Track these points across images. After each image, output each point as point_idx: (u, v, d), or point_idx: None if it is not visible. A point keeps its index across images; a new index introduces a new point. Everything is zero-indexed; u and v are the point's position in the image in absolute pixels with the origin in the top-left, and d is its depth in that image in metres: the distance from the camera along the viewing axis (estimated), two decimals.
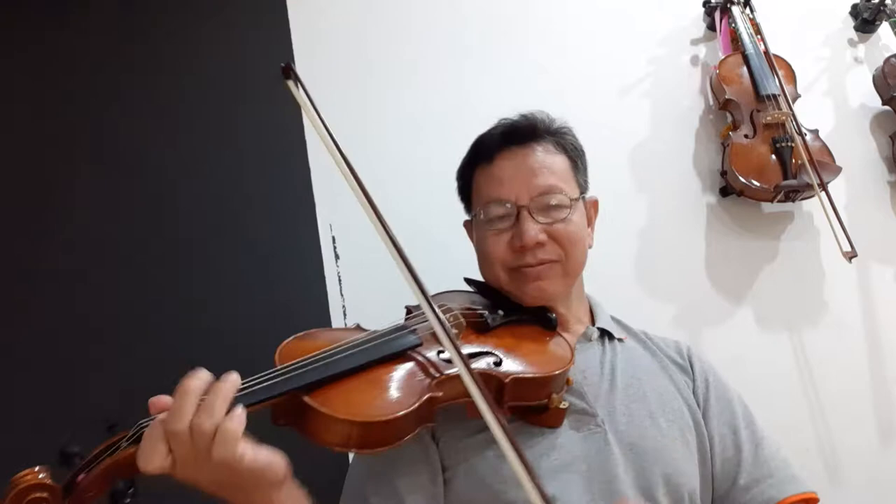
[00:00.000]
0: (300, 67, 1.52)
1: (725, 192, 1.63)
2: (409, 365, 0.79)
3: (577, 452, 0.87)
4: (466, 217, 1.13)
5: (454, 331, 0.83)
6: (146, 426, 0.64)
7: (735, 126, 1.63)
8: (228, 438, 0.62)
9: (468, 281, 1.08)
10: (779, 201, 1.57)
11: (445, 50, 1.64)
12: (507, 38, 1.68)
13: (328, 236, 1.44)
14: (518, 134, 1.01)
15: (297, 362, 0.72)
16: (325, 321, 1.37)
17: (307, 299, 1.40)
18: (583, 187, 1.04)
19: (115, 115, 1.41)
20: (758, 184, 1.53)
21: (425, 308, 0.75)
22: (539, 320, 0.97)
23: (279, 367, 0.72)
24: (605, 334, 1.04)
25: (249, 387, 0.68)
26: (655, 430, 0.91)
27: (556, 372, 0.86)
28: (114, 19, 1.47)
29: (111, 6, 1.47)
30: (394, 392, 0.73)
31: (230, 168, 1.44)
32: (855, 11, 1.86)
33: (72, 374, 1.22)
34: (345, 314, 1.39)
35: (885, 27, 1.83)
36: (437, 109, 1.58)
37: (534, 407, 0.86)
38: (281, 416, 0.71)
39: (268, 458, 0.66)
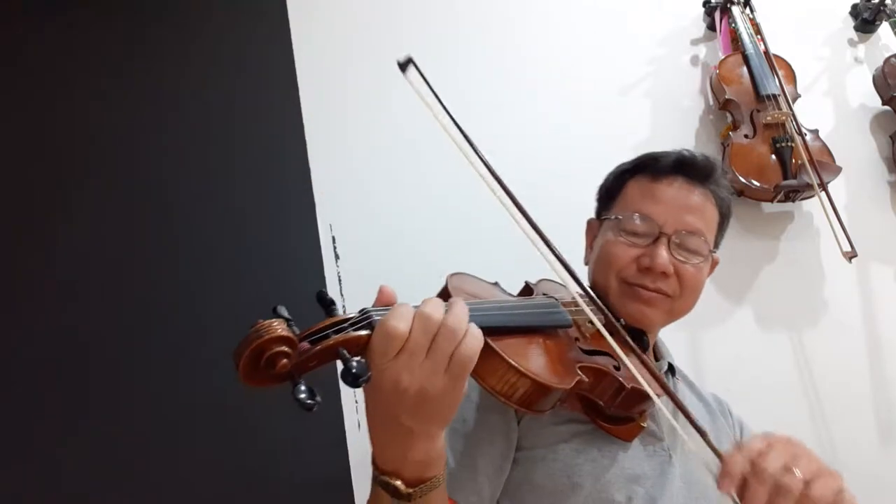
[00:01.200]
0: (300, 67, 1.53)
1: None
2: (560, 342, 0.79)
3: (645, 469, 0.89)
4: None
5: (588, 324, 0.84)
6: (378, 315, 0.62)
7: (735, 126, 1.63)
8: (478, 338, 0.61)
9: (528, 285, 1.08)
10: (779, 201, 1.57)
11: (445, 50, 1.64)
12: (507, 39, 1.68)
13: (328, 236, 1.44)
14: (693, 169, 1.01)
15: (477, 303, 0.72)
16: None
17: (307, 299, 1.40)
18: (717, 244, 1.06)
19: (114, 115, 1.41)
20: (758, 184, 1.53)
21: (579, 299, 0.77)
22: (637, 339, 0.97)
23: (471, 302, 0.70)
24: (670, 370, 1.08)
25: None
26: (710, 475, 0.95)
27: (656, 393, 0.86)
28: (114, 19, 1.47)
29: (111, 6, 1.47)
30: (556, 363, 0.74)
31: (230, 168, 1.44)
32: (855, 11, 1.87)
33: (72, 374, 1.22)
34: (345, 314, 1.38)
35: (885, 27, 1.83)
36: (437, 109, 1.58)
37: (621, 416, 0.87)
38: None
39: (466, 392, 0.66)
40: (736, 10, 1.72)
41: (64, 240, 1.31)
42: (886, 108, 1.75)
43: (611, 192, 1.08)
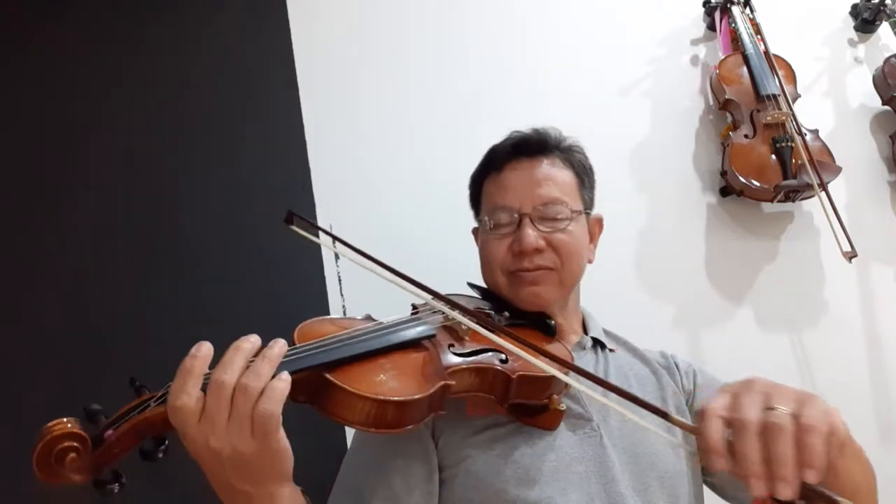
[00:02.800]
0: (300, 67, 1.53)
1: (725, 192, 1.63)
2: (424, 353, 0.81)
3: (574, 454, 0.88)
4: (473, 224, 1.16)
5: (463, 326, 0.86)
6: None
7: (735, 126, 1.63)
8: (276, 396, 0.62)
9: (471, 285, 1.11)
10: (779, 201, 1.57)
11: (446, 50, 1.64)
12: (507, 39, 1.68)
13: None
14: (528, 146, 1.05)
15: (318, 342, 0.74)
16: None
17: (307, 299, 1.40)
18: (587, 203, 1.08)
19: (114, 114, 1.41)
20: (758, 184, 1.53)
21: (428, 299, 0.79)
22: (539, 326, 1.00)
23: (300, 346, 0.73)
24: (597, 344, 1.07)
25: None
26: (648, 435, 0.93)
27: (560, 373, 0.87)
28: (114, 19, 1.47)
29: (111, 6, 1.47)
30: (412, 376, 0.76)
31: (230, 168, 1.44)
32: (855, 11, 1.87)
33: (72, 375, 1.22)
34: (345, 314, 1.39)
35: (885, 27, 1.83)
36: (438, 109, 1.58)
37: (532, 407, 0.88)
38: (301, 392, 0.72)
39: (288, 445, 0.66)
40: (736, 10, 1.72)
41: (63, 239, 1.31)
42: (886, 108, 1.75)
43: (474, 199, 1.13)
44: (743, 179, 1.53)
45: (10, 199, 1.31)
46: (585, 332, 1.09)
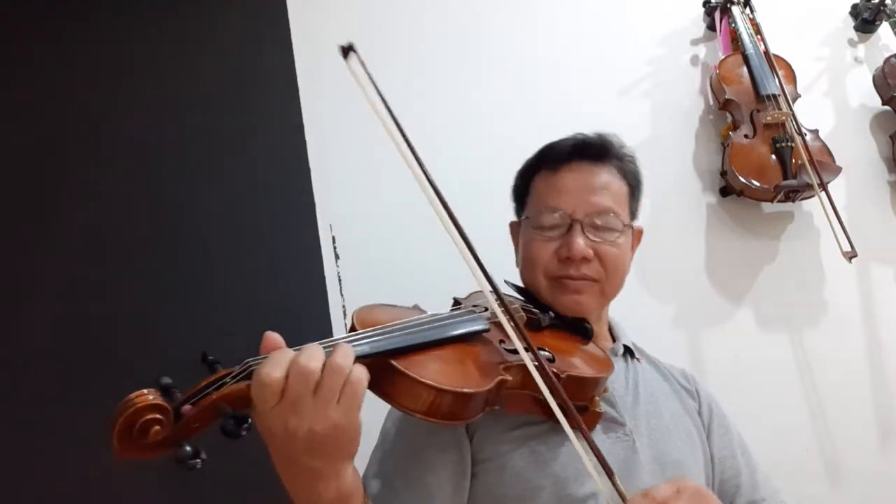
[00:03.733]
0: (300, 68, 1.53)
1: (725, 192, 1.63)
2: (479, 348, 0.81)
3: (608, 457, 0.88)
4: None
5: (521, 323, 0.85)
6: (255, 365, 0.63)
7: (735, 126, 1.63)
8: (360, 381, 0.63)
9: (509, 283, 1.09)
10: (779, 201, 1.57)
11: (446, 50, 1.64)
12: (507, 39, 1.68)
13: (328, 236, 1.44)
14: (589, 150, 1.03)
15: (382, 328, 0.74)
16: (325, 321, 1.37)
17: (307, 299, 1.40)
18: (634, 215, 1.07)
19: (115, 116, 1.41)
20: (758, 184, 1.53)
21: (490, 299, 0.78)
22: (577, 329, 0.99)
23: (365, 331, 0.73)
24: (627, 352, 1.07)
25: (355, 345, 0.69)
26: (673, 446, 0.95)
27: (604, 375, 0.88)
28: (114, 20, 1.47)
29: (112, 7, 1.47)
30: (472, 369, 0.76)
31: (230, 168, 1.44)
32: (855, 11, 1.87)
33: (71, 375, 1.22)
34: (345, 314, 1.39)
35: (885, 27, 1.83)
36: (438, 109, 1.58)
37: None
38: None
39: (361, 423, 0.66)
40: (736, 10, 1.72)
41: (63, 239, 1.31)
42: (886, 108, 1.75)
43: (520, 192, 1.10)
44: (743, 179, 1.53)
45: (8, 200, 1.31)
46: (613, 338, 1.09)
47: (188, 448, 0.57)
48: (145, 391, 0.58)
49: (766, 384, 1.50)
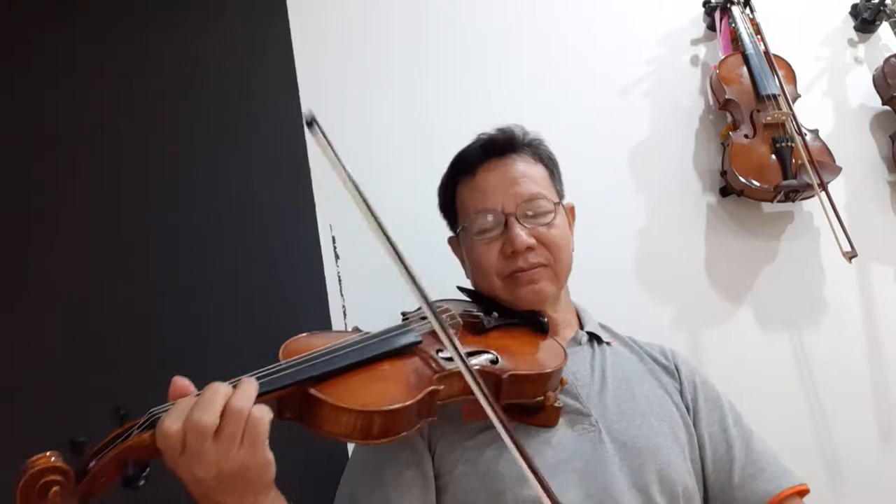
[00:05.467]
0: (300, 67, 1.53)
1: (725, 192, 1.63)
2: (411, 361, 0.81)
3: (572, 450, 0.88)
4: (450, 233, 1.15)
5: (451, 330, 0.85)
6: (159, 414, 0.65)
7: (735, 126, 1.63)
8: (261, 421, 0.64)
9: (461, 289, 1.10)
10: (779, 201, 1.57)
11: (446, 51, 1.64)
12: (507, 39, 1.68)
13: (328, 236, 1.44)
14: (498, 146, 1.06)
15: (302, 357, 0.75)
16: (325, 321, 1.37)
17: (307, 299, 1.40)
18: (560, 194, 1.09)
19: (115, 116, 1.41)
20: (758, 184, 1.53)
21: (423, 305, 0.77)
22: (531, 324, 1.00)
23: (284, 362, 0.73)
24: (593, 338, 1.07)
25: (257, 379, 0.69)
26: (647, 429, 0.93)
27: (551, 369, 0.88)
28: (114, 21, 1.47)
29: (112, 7, 1.47)
30: (397, 384, 0.76)
31: (230, 169, 1.44)
32: (855, 11, 1.86)
33: (72, 375, 1.22)
34: (345, 314, 1.39)
35: (885, 27, 1.83)
36: (438, 110, 1.58)
37: (529, 406, 0.88)
38: (287, 409, 0.72)
39: (271, 455, 0.67)
40: (736, 10, 1.72)
41: (62, 240, 1.31)
42: (886, 108, 1.75)
43: (447, 207, 1.12)
44: (743, 179, 1.53)
45: (9, 200, 1.31)
46: (581, 326, 1.09)
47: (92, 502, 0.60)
48: (48, 453, 0.60)
49: (765, 384, 1.50)
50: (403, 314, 0.96)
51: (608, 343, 1.07)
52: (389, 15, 1.64)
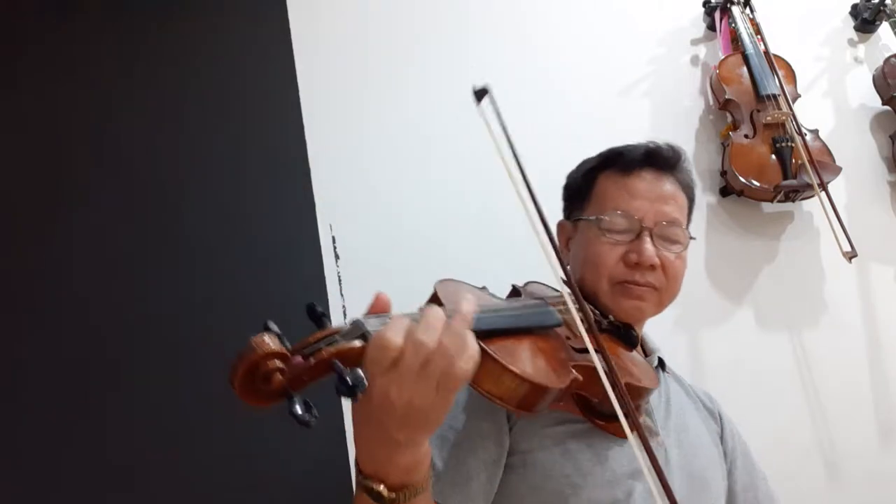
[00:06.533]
0: (300, 67, 1.53)
1: (725, 192, 1.63)
2: (556, 342, 0.80)
3: (636, 467, 0.88)
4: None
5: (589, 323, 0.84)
6: (369, 326, 0.61)
7: (735, 126, 1.63)
8: (471, 361, 0.60)
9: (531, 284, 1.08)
10: (779, 201, 1.57)
11: (446, 50, 1.64)
12: (507, 39, 1.68)
13: (328, 236, 1.44)
14: (661, 159, 1.04)
15: (500, 305, 0.74)
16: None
17: (307, 299, 1.39)
18: (688, 228, 1.08)
19: (115, 116, 1.40)
20: (758, 184, 1.53)
21: (569, 302, 0.77)
22: (622, 335, 0.99)
23: (491, 303, 0.73)
24: (660, 364, 1.08)
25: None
26: (700, 462, 0.95)
27: (652, 386, 0.88)
28: (114, 21, 1.47)
29: (112, 8, 1.47)
30: (549, 363, 0.74)
31: (230, 169, 1.44)
32: (855, 11, 1.87)
33: (71, 374, 1.22)
34: (345, 314, 1.39)
35: (885, 27, 1.83)
36: (438, 109, 1.58)
37: (611, 412, 0.87)
38: None
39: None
40: (736, 10, 1.72)
41: (62, 240, 1.31)
42: (886, 108, 1.75)
43: (581, 191, 1.08)
44: (743, 179, 1.53)
45: (8, 200, 1.31)
46: (645, 351, 1.09)
47: (299, 405, 0.54)
48: (266, 336, 0.57)
49: (766, 384, 1.50)
50: (514, 286, 0.96)
51: (667, 373, 1.08)
52: (389, 15, 1.64)
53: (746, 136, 1.59)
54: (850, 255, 1.45)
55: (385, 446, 0.63)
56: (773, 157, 1.56)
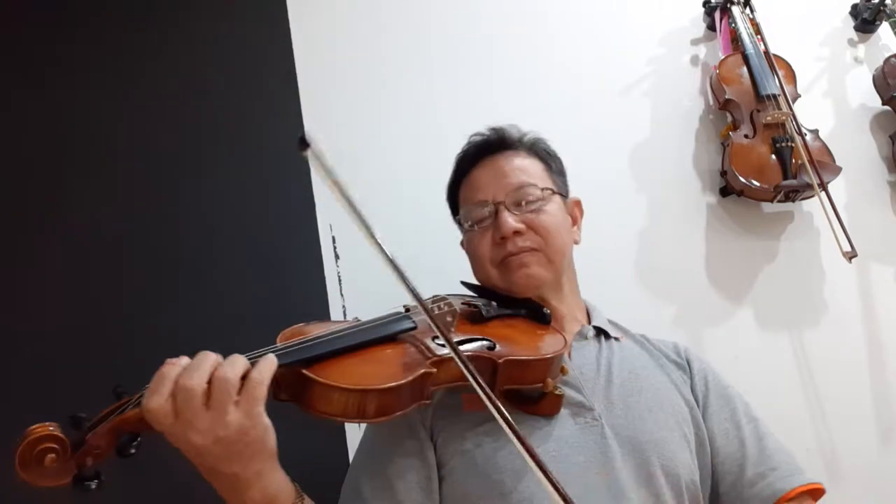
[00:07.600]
0: (300, 67, 1.54)
1: (725, 192, 1.63)
2: (405, 347, 0.83)
3: (574, 443, 0.88)
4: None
5: (448, 318, 0.89)
6: (145, 390, 0.67)
7: (735, 126, 1.63)
8: (259, 385, 0.65)
9: (465, 284, 1.11)
10: (779, 201, 1.57)
11: (446, 51, 1.64)
12: (507, 39, 1.68)
13: (328, 236, 1.44)
14: (490, 145, 1.09)
15: (299, 340, 0.77)
16: (325, 321, 1.37)
17: (307, 299, 1.40)
18: (560, 186, 1.11)
19: (116, 117, 1.41)
20: (758, 184, 1.53)
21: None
22: (533, 314, 1.01)
23: (280, 344, 0.76)
24: (600, 333, 1.07)
25: (253, 359, 0.71)
26: (652, 423, 0.93)
27: (550, 355, 0.89)
28: (115, 22, 1.47)
29: (112, 9, 1.47)
30: (389, 366, 0.78)
31: (231, 169, 1.44)
32: (855, 11, 1.86)
33: (72, 374, 1.22)
34: (345, 314, 1.39)
35: (885, 27, 1.83)
36: (438, 110, 1.58)
37: (529, 395, 0.89)
38: (282, 390, 0.74)
39: (269, 421, 0.68)
40: (736, 10, 1.72)
41: (62, 240, 1.31)
42: (886, 108, 1.75)
43: (453, 209, 1.16)
44: (743, 179, 1.53)
45: (8, 200, 1.31)
46: (589, 322, 1.09)
47: (87, 472, 0.64)
48: (47, 423, 0.63)
49: (765, 384, 1.50)
50: (405, 307, 0.97)
51: (616, 339, 1.07)
52: (390, 17, 1.64)
53: (746, 136, 1.59)
54: (850, 255, 1.44)
55: (232, 488, 0.68)
56: (773, 157, 1.56)
